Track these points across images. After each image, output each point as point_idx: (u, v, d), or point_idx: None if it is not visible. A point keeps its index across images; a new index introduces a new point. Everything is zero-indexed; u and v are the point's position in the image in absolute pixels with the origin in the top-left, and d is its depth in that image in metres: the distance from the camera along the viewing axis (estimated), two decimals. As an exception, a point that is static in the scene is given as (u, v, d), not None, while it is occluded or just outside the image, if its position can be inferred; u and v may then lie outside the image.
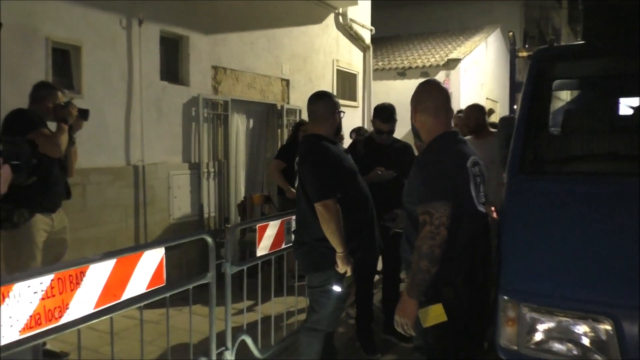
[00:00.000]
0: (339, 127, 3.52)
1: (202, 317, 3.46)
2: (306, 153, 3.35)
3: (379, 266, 4.75)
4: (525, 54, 5.05)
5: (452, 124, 5.77)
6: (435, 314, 2.44)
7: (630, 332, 2.11)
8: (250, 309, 4.14)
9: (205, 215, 6.69)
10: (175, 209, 6.37)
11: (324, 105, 3.44)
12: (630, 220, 2.44)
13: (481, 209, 2.59)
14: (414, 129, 2.77)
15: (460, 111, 6.28)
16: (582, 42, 3.58)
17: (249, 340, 3.72)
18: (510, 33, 4.63)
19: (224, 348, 3.54)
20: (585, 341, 2.21)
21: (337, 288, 3.25)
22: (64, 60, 5.32)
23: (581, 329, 2.23)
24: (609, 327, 2.15)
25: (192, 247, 5.94)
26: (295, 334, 4.42)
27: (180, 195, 6.43)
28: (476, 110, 5.09)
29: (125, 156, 5.82)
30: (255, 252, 5.55)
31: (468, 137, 4.61)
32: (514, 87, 4.47)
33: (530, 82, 3.24)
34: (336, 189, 3.19)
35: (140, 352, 4.05)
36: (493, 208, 3.27)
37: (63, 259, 4.01)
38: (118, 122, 5.72)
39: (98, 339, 4.15)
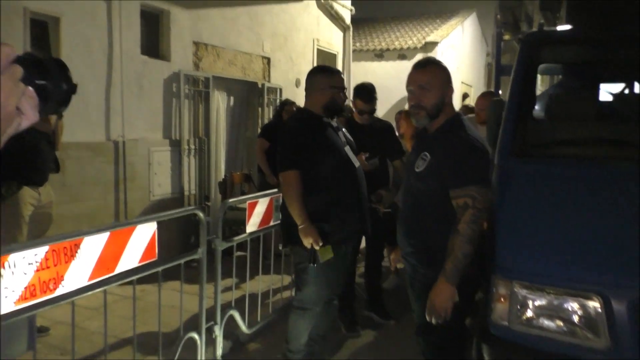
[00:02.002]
0: (335, 106, 3.38)
1: (185, 294, 3.44)
2: (284, 124, 3.45)
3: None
4: (509, 37, 5.11)
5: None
6: None
7: (619, 309, 2.17)
8: (233, 286, 4.14)
9: (186, 193, 6.64)
10: (156, 186, 6.31)
11: (313, 80, 3.39)
12: (619, 201, 2.51)
13: None
14: (437, 109, 2.65)
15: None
16: (572, 27, 3.61)
17: (237, 316, 3.73)
18: (498, 16, 4.67)
19: (212, 323, 3.55)
20: (575, 318, 2.26)
21: (312, 264, 3.19)
22: (42, 32, 5.18)
23: (571, 306, 2.28)
24: (597, 305, 2.21)
25: (171, 224, 5.90)
26: (279, 311, 4.47)
27: (160, 172, 6.36)
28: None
29: (105, 131, 5.72)
30: (236, 230, 5.61)
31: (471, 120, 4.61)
32: (499, 70, 4.52)
33: (520, 65, 3.27)
34: (299, 162, 3.17)
35: (122, 327, 4.08)
36: None
37: (46, 234, 3.96)
38: (98, 97, 5.61)
39: (77, 314, 4.10)
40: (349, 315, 4.51)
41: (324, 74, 3.43)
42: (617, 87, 3.78)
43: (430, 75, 2.62)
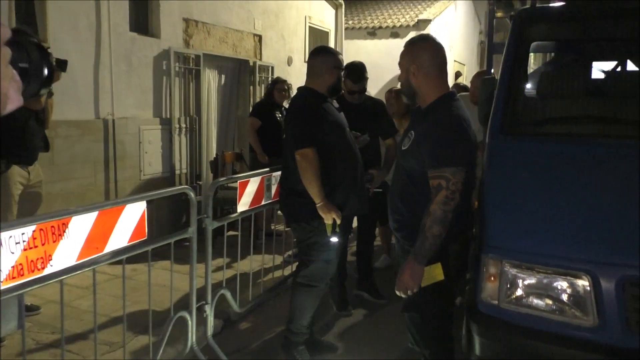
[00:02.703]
0: (340, 86, 3.48)
1: (177, 274, 3.44)
2: (291, 103, 3.44)
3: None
4: (501, 14, 5.05)
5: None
6: (433, 273, 2.49)
7: (607, 287, 2.18)
8: (224, 265, 4.13)
9: (177, 172, 6.61)
10: (146, 165, 6.27)
11: (319, 61, 3.39)
12: (608, 180, 2.51)
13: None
14: (408, 89, 2.67)
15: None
16: (565, 3, 3.55)
17: (228, 295, 3.73)
18: (490, -7, 4.62)
19: (203, 302, 3.55)
20: (564, 296, 2.28)
21: (333, 239, 3.27)
22: (28, 8, 5.08)
23: (560, 284, 2.29)
24: (586, 283, 2.21)
25: (162, 203, 5.87)
26: (271, 290, 4.48)
27: (151, 151, 6.32)
28: None
29: (94, 109, 5.65)
30: (227, 209, 5.59)
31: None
32: (491, 48, 4.48)
33: (512, 43, 3.24)
34: (315, 139, 3.17)
35: (113, 306, 4.09)
36: None
37: (36, 213, 3.93)
38: (86, 74, 5.53)
39: (69, 293, 4.12)
40: (341, 294, 4.53)
41: (331, 54, 3.46)
42: (610, 65, 3.75)
43: (402, 54, 2.68)
